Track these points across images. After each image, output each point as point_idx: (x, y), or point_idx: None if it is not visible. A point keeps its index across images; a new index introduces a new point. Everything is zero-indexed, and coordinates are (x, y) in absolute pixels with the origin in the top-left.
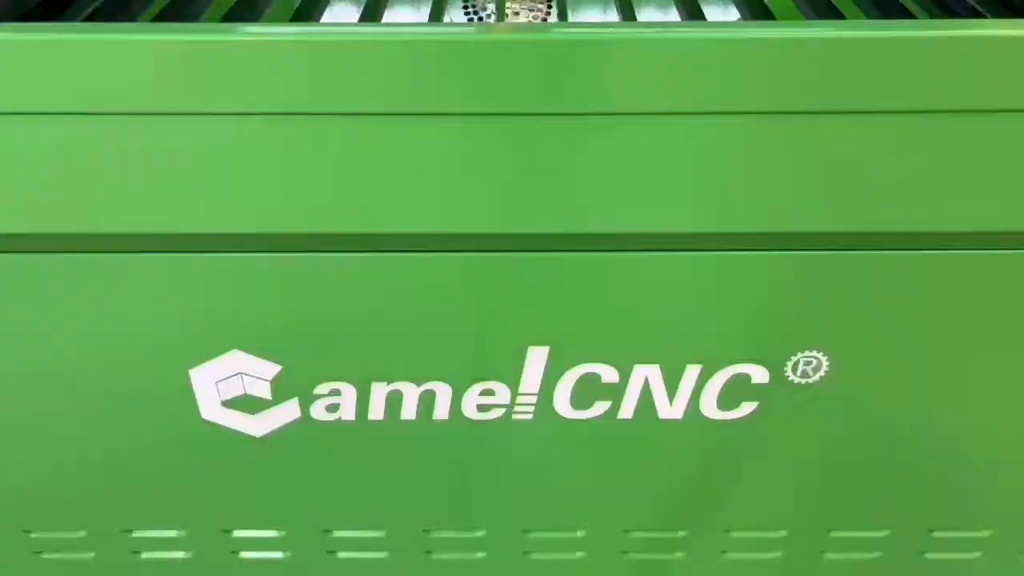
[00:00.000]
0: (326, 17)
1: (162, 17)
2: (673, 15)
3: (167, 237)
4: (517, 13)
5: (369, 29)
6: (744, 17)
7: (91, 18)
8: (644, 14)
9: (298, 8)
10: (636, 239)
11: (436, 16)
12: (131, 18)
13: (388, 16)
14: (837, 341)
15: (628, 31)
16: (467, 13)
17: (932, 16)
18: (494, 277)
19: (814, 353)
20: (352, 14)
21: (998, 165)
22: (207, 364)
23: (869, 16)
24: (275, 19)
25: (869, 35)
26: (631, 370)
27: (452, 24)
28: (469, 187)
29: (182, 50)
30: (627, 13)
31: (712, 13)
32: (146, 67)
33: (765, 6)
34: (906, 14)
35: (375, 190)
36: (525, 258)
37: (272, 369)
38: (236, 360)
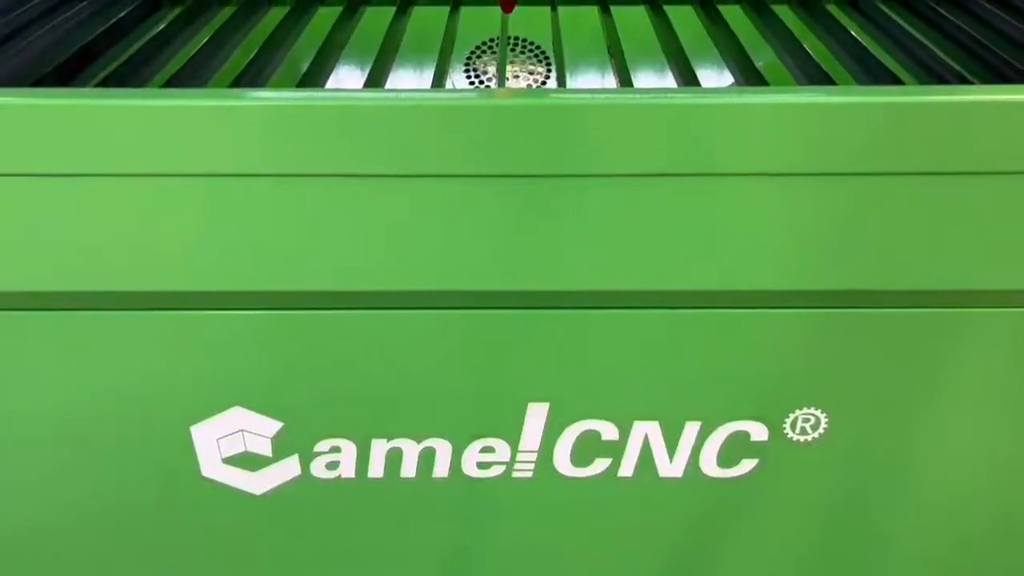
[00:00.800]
0: (331, 82)
1: (172, 83)
2: (669, 80)
3: (170, 295)
4: (517, 76)
5: (373, 94)
6: (738, 82)
7: (103, 84)
8: (640, 79)
9: (304, 73)
10: (635, 297)
11: (439, 80)
12: (142, 84)
13: (392, 81)
14: (836, 399)
15: (625, 96)
16: (469, 77)
17: (921, 82)
18: (494, 334)
19: (813, 411)
20: (357, 79)
21: (994, 225)
22: (208, 421)
23: (859, 81)
24: (281, 84)
25: (861, 100)
26: (631, 427)
27: (454, 89)
28: (470, 246)
29: (192, 115)
30: (624, 78)
31: (707, 78)
32: (156, 131)
33: (758, 71)
34: (894, 80)
35: (377, 249)
36: (525, 315)
37: (273, 426)
38: (237, 417)
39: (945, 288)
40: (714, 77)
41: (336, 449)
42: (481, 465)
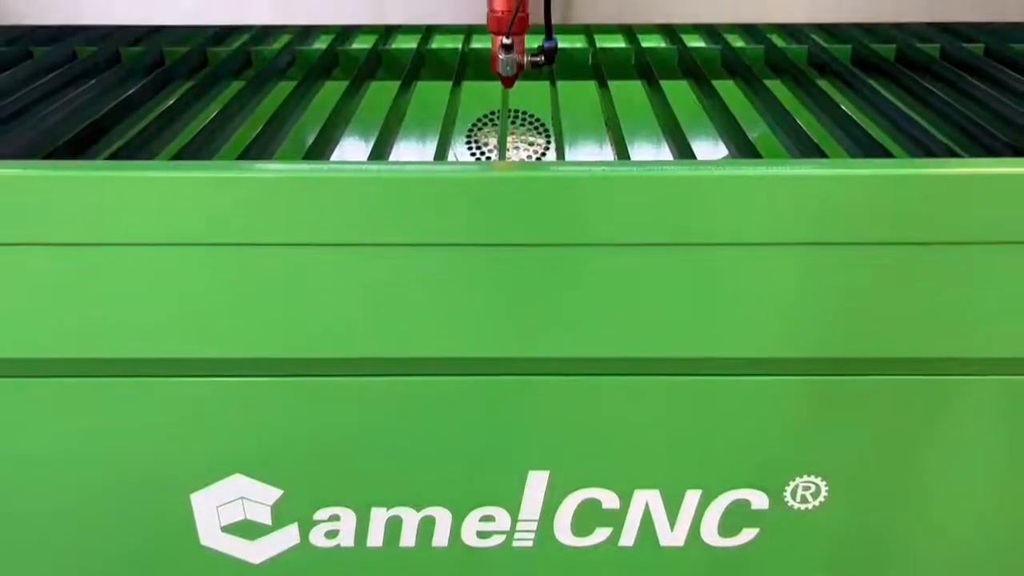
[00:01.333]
0: (336, 155)
1: (180, 156)
2: (665, 152)
3: (171, 362)
4: (517, 147)
5: (376, 166)
6: (732, 154)
7: (113, 157)
8: (637, 151)
9: (309, 146)
10: (634, 364)
11: (441, 152)
12: (151, 157)
13: (395, 153)
14: (836, 466)
15: (623, 168)
16: (470, 149)
17: (911, 155)
18: (494, 401)
19: (813, 479)
20: (361, 151)
21: (985, 293)
22: (209, 488)
23: (851, 154)
24: (288, 157)
25: (853, 173)
26: (632, 495)
27: (456, 161)
28: (472, 313)
29: (198, 186)
30: (621, 150)
31: (702, 150)
32: (163, 201)
33: (752, 144)
34: (885, 153)
35: (378, 316)
36: (525, 382)
37: (273, 494)
38: (237, 484)
39: (940, 356)
40: (709, 150)
41: (335, 517)
42: (481, 534)
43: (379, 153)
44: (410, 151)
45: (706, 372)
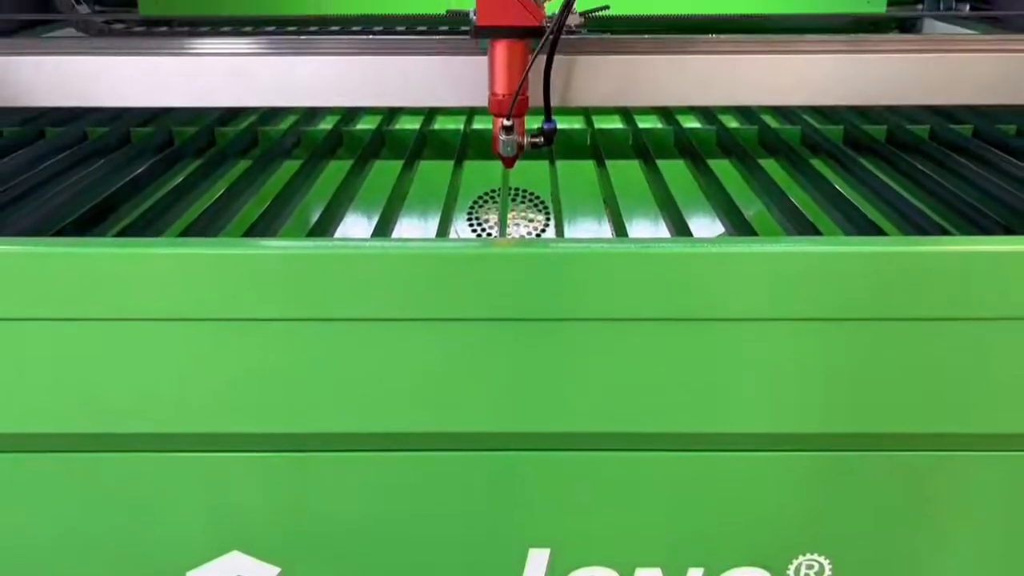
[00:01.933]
0: (339, 232)
1: (187, 233)
2: (663, 229)
3: (171, 436)
4: (517, 224)
5: (379, 243)
6: (728, 232)
7: (121, 234)
8: (635, 228)
9: (314, 223)
10: (635, 439)
11: (443, 229)
12: (157, 234)
13: (398, 230)
14: (839, 544)
15: (621, 245)
16: (471, 225)
17: (904, 233)
18: (494, 477)
19: (816, 557)
20: (365, 229)
21: (983, 369)
22: (206, 566)
23: (845, 232)
24: (292, 234)
25: (848, 250)
26: (633, 573)
27: (458, 238)
28: (473, 388)
29: (202, 262)
30: (619, 227)
31: (698, 228)
32: (168, 277)
33: (747, 222)
34: (878, 231)
35: (378, 391)
36: (525, 457)
37: (270, 572)
38: (235, 562)
39: (940, 431)
40: (706, 227)
41: None
42: None
43: (382, 230)
44: (412, 228)
45: (707, 448)
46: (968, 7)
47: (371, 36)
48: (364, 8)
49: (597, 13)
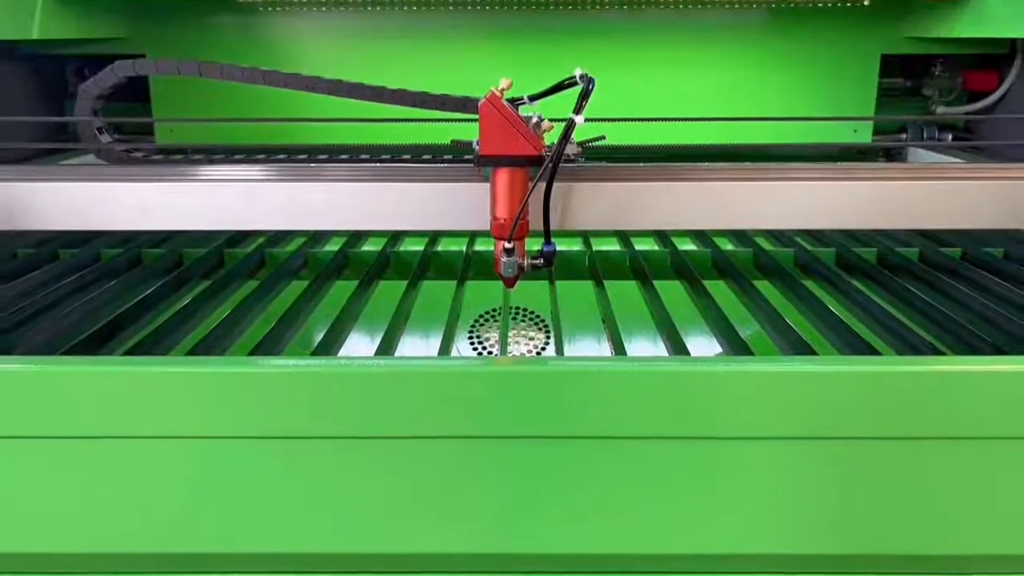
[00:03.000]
0: (344, 350)
1: (194, 353)
2: (661, 348)
3: (176, 557)
4: (518, 343)
5: (382, 362)
6: (725, 351)
7: (129, 353)
8: (633, 347)
9: (318, 343)
10: (637, 560)
11: (445, 347)
12: (165, 353)
13: (401, 348)
14: None
15: (620, 363)
16: (472, 344)
17: (898, 352)
18: None
19: None
20: (369, 347)
21: (981, 489)
22: None
23: (839, 351)
24: (296, 353)
25: (844, 370)
26: None
27: (459, 356)
28: (474, 507)
29: (207, 381)
30: (618, 346)
31: (696, 347)
32: (174, 396)
33: (744, 341)
34: (872, 350)
35: (383, 509)
36: None
37: None
38: None
39: (938, 553)
40: (703, 346)
41: None
42: None
43: (385, 349)
44: (415, 346)
45: (708, 570)
46: (950, 136)
47: (378, 163)
48: (372, 138)
49: (594, 143)
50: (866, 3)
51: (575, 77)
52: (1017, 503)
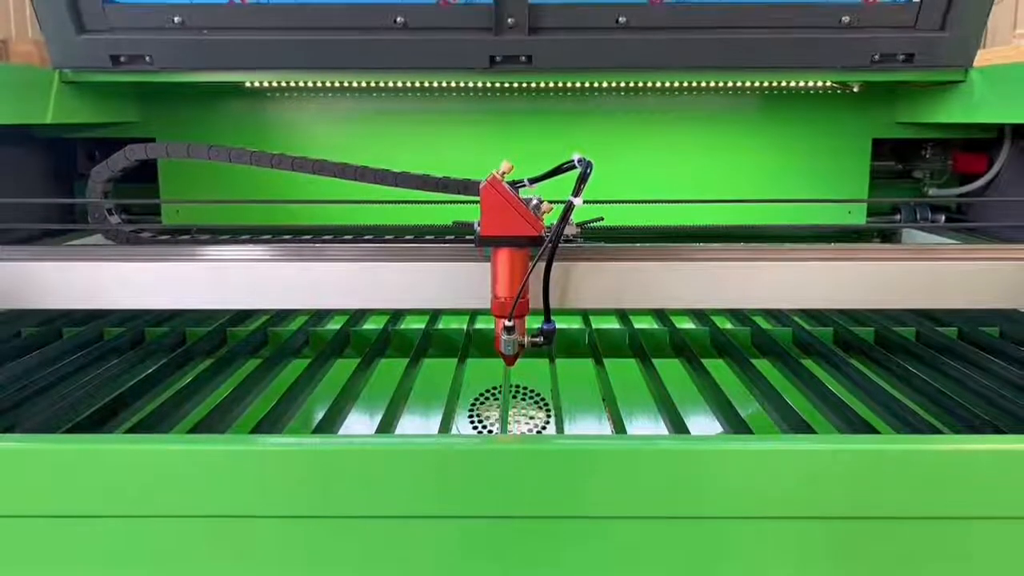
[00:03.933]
0: (344, 428)
1: (195, 430)
2: (661, 427)
3: None
4: (518, 421)
5: (381, 439)
6: (725, 430)
7: (132, 430)
8: (634, 425)
9: (319, 421)
10: None
11: (445, 426)
12: (167, 431)
13: (401, 426)
14: None
15: (620, 442)
16: (472, 423)
17: (896, 431)
18: None
19: None
20: (369, 425)
21: (979, 569)
22: None
23: (838, 430)
24: (298, 431)
25: (843, 448)
26: None
27: (459, 434)
28: None
29: (208, 459)
30: (618, 425)
31: (696, 426)
32: (175, 474)
33: (743, 420)
34: (871, 429)
35: None
36: None
37: None
38: None
39: None
40: (702, 425)
41: None
42: None
43: (385, 427)
44: (415, 424)
45: None
46: (944, 218)
47: (382, 243)
48: (376, 219)
49: (592, 224)
50: (856, 89)
51: (573, 161)
52: None
